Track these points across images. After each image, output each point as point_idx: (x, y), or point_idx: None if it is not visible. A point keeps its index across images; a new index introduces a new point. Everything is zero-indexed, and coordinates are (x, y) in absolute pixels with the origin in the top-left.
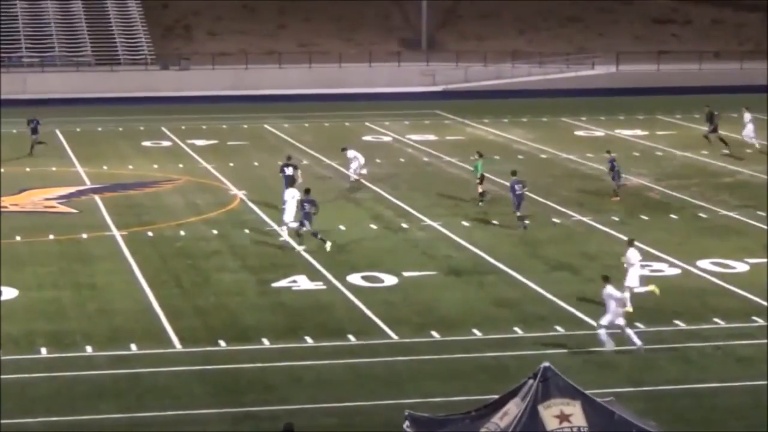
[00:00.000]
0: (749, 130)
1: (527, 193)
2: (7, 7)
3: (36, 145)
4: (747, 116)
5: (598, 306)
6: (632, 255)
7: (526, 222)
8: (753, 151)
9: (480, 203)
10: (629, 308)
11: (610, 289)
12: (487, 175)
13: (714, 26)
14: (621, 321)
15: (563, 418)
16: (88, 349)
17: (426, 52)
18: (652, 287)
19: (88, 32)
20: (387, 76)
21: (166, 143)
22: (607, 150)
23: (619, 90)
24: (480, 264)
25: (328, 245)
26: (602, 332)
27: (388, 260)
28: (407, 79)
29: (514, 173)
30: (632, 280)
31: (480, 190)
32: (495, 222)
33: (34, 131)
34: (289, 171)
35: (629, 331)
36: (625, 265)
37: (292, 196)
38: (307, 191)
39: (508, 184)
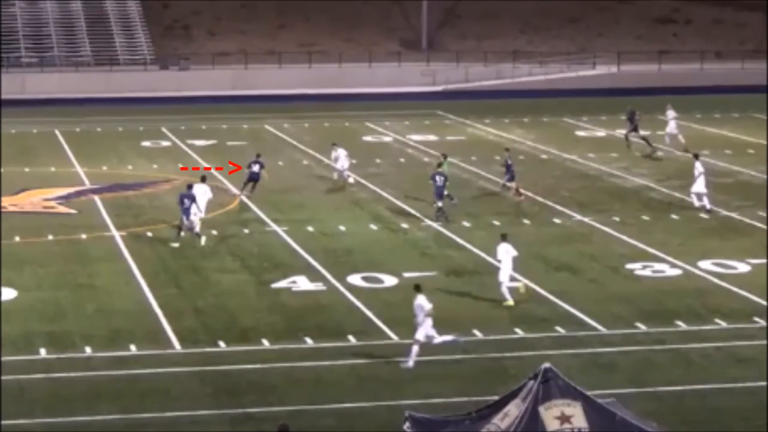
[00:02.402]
0: (672, 127)
1: (531, 194)
2: (6, 7)
3: None
4: (670, 113)
5: (599, 306)
6: (501, 250)
7: (444, 216)
8: (678, 148)
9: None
10: (510, 302)
11: (421, 300)
12: (486, 174)
13: (715, 26)
14: (431, 331)
15: (564, 419)
16: (87, 349)
17: (426, 52)
18: (519, 284)
19: (87, 32)
20: (387, 76)
21: (165, 143)
22: (506, 148)
23: (621, 90)
24: (480, 264)
25: (203, 240)
26: (416, 348)
27: (388, 261)
28: (407, 79)
29: (438, 165)
30: (503, 275)
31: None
32: (495, 222)
33: None
34: (255, 168)
35: (441, 339)
36: (498, 259)
37: (203, 192)
38: (189, 186)
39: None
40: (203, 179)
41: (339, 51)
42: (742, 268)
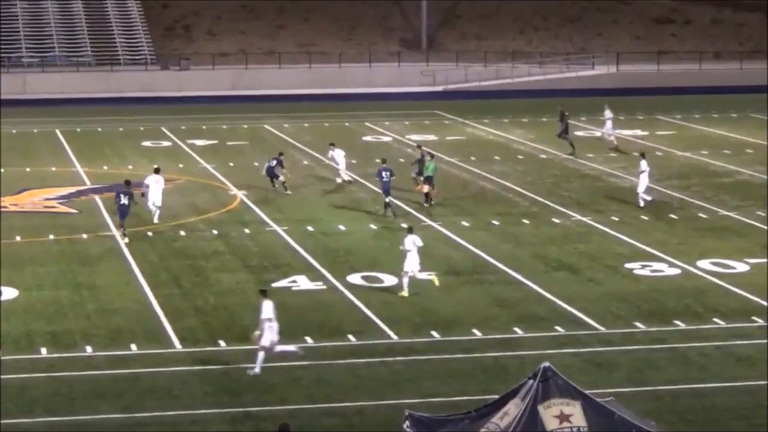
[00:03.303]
0: (608, 127)
1: (530, 194)
2: (7, 7)
3: None
4: (607, 113)
5: (598, 305)
6: (408, 241)
7: (392, 209)
8: (612, 147)
9: (426, 203)
10: (405, 293)
11: (266, 306)
12: (486, 174)
13: (714, 26)
14: (275, 337)
15: (563, 418)
16: (88, 349)
17: (426, 52)
18: (433, 276)
19: (88, 32)
20: (387, 76)
21: (166, 143)
22: (418, 145)
23: (619, 90)
24: (479, 264)
25: (126, 240)
26: (261, 354)
27: (387, 260)
28: (407, 79)
29: (383, 161)
30: (410, 264)
31: (425, 190)
32: (495, 222)
33: None
34: (272, 163)
35: (282, 348)
36: (401, 249)
37: (155, 181)
38: (126, 183)
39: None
40: (157, 171)
41: (339, 51)
42: (741, 267)
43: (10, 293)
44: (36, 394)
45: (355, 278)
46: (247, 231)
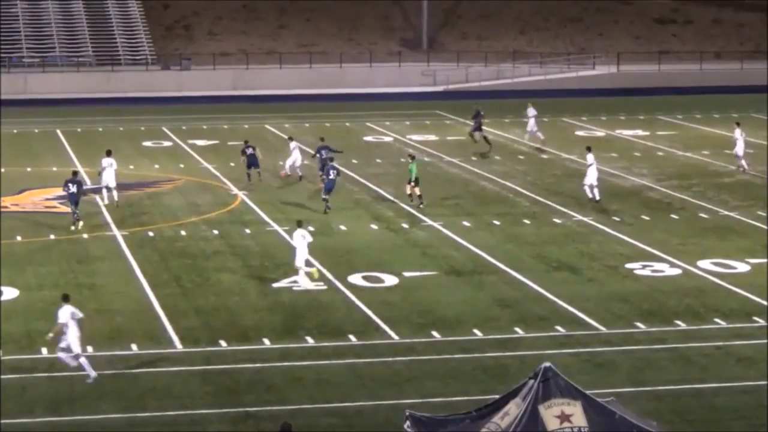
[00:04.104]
0: (531, 125)
1: (531, 194)
2: (8, 7)
3: None
4: (531, 111)
5: (599, 306)
6: (297, 235)
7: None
8: (539, 144)
9: (421, 205)
10: (311, 285)
11: (67, 310)
12: (487, 174)
13: (714, 26)
14: (75, 344)
15: (564, 418)
16: (89, 348)
17: (427, 53)
18: (312, 269)
19: (88, 32)
20: (388, 76)
21: (166, 143)
22: (321, 137)
23: (620, 90)
24: (480, 264)
25: (80, 224)
26: (62, 356)
27: (388, 260)
28: (408, 79)
29: (331, 159)
30: (299, 260)
31: (408, 192)
32: (496, 222)
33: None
34: (249, 151)
35: (82, 360)
36: (293, 245)
37: (109, 164)
38: (74, 173)
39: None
40: (108, 153)
41: (340, 51)
42: (742, 267)
43: (10, 293)
44: (36, 393)
45: (355, 278)
46: (247, 231)
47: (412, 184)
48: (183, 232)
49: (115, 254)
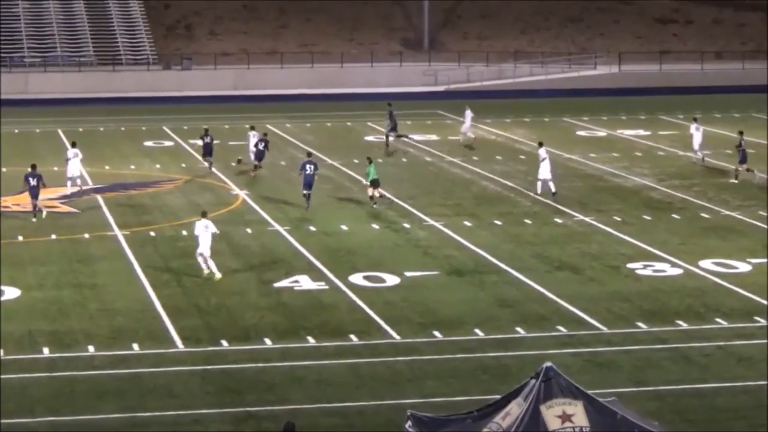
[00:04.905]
0: (466, 127)
1: (532, 194)
2: (9, 6)
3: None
4: (468, 113)
5: (600, 305)
6: (200, 225)
7: (309, 202)
8: (471, 143)
9: (374, 205)
10: (216, 276)
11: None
12: (488, 174)
13: (715, 26)
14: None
15: (565, 418)
16: (90, 348)
17: (428, 52)
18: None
19: (90, 32)
20: (389, 76)
21: (167, 143)
22: (205, 128)
23: (621, 90)
24: (482, 264)
25: (43, 215)
26: None
27: (389, 260)
28: (409, 79)
29: (308, 155)
30: (203, 247)
31: (370, 193)
32: (497, 222)
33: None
34: (261, 146)
35: None
36: (195, 234)
37: (74, 154)
38: (33, 166)
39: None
40: (74, 144)
41: (341, 51)
42: (743, 267)
43: (12, 293)
44: (37, 393)
45: (357, 278)
46: (249, 231)
47: (370, 185)
48: (184, 232)
49: (117, 254)
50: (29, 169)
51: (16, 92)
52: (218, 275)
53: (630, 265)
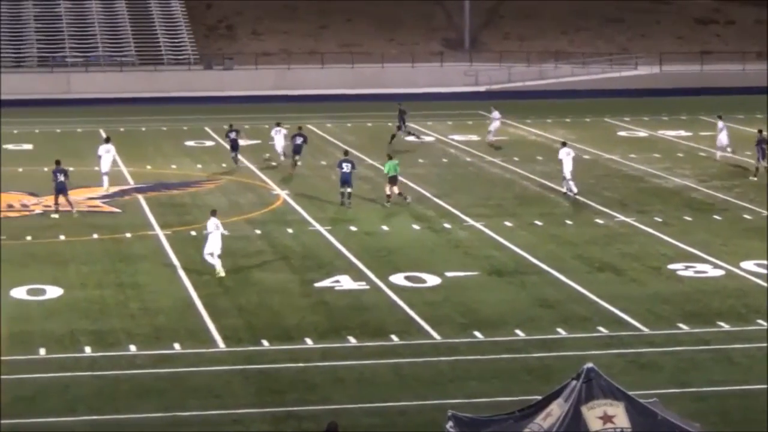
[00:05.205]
0: (495, 125)
1: (570, 194)
2: (51, 7)
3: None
4: (495, 114)
5: (641, 306)
6: (210, 224)
7: (349, 200)
8: (494, 144)
9: (386, 204)
10: (221, 273)
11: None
12: (528, 174)
13: (757, 26)
14: None
15: (606, 419)
16: (132, 348)
17: (469, 53)
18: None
19: (131, 32)
20: (429, 76)
21: (209, 143)
22: (230, 124)
23: (662, 90)
24: (522, 264)
25: (75, 212)
26: None
27: (430, 260)
28: (450, 79)
29: (345, 153)
30: (212, 246)
31: (387, 191)
32: (538, 222)
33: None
34: (298, 140)
35: None
36: (204, 233)
37: (106, 150)
38: (57, 162)
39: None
40: (107, 140)
41: (381, 51)
42: None
43: (54, 292)
44: (79, 392)
45: (397, 278)
46: (290, 231)
47: (388, 182)
48: (225, 232)
49: (158, 253)
50: (55, 165)
51: (58, 92)
52: (222, 273)
53: (671, 266)
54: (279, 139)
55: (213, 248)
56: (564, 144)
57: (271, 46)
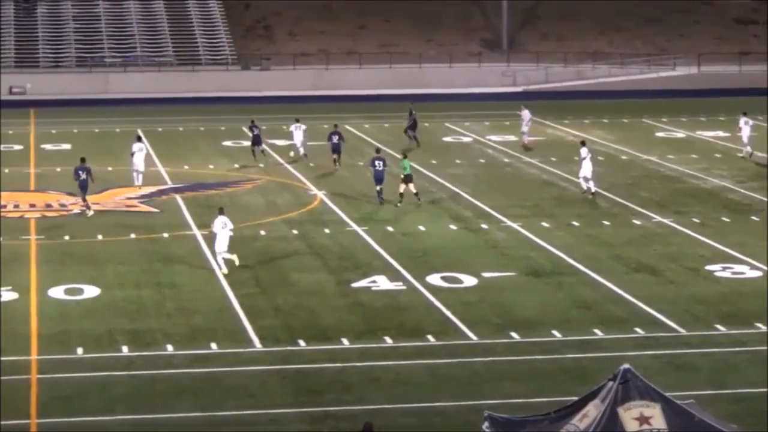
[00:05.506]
0: (526, 128)
1: (610, 195)
2: (90, 7)
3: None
4: (525, 113)
5: (678, 307)
6: (218, 222)
7: (381, 198)
8: (527, 144)
9: (398, 204)
10: (224, 270)
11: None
12: (566, 175)
13: None
14: None
15: (643, 420)
16: (169, 347)
17: (506, 53)
18: (233, 256)
19: (169, 32)
20: (467, 76)
21: (246, 143)
22: (252, 119)
23: (701, 91)
24: (559, 265)
25: (91, 213)
26: None
27: (467, 261)
28: (487, 79)
29: (377, 151)
30: (220, 245)
31: (401, 189)
32: (575, 223)
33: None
34: (335, 139)
35: None
36: (212, 230)
37: (139, 149)
38: (82, 160)
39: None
40: (139, 138)
41: (419, 51)
42: None
43: (92, 291)
44: (116, 392)
45: (434, 279)
46: (327, 231)
47: (402, 181)
48: (262, 232)
49: (195, 253)
50: (79, 163)
51: (97, 92)
52: (225, 270)
53: (709, 267)
54: (298, 134)
55: (221, 246)
56: (583, 143)
57: (308, 46)
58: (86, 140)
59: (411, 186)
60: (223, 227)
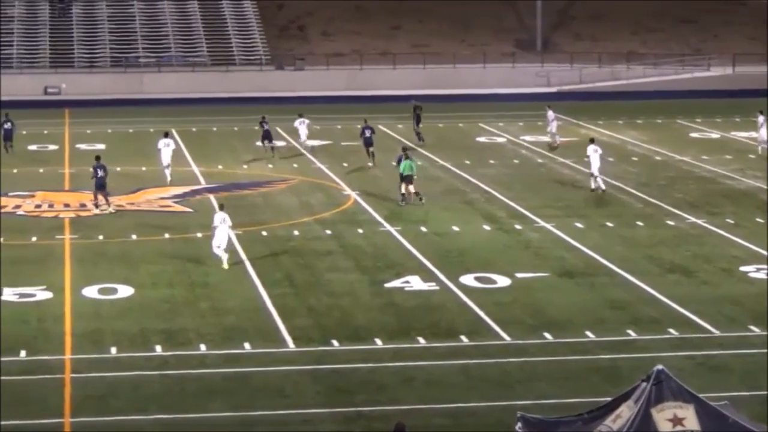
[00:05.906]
0: (552, 127)
1: (644, 196)
2: (125, 7)
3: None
4: (550, 114)
5: (712, 308)
6: (218, 218)
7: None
8: (554, 144)
9: (401, 203)
10: (225, 266)
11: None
12: (601, 176)
13: None
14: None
15: (676, 421)
16: (202, 347)
17: (540, 53)
18: (225, 255)
19: (203, 33)
20: (501, 76)
21: (279, 143)
22: (404, 147)
23: (735, 92)
24: (592, 265)
25: (112, 209)
26: None
27: (500, 261)
28: (521, 80)
29: (404, 149)
30: (219, 239)
31: (402, 190)
32: (608, 224)
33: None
34: (367, 133)
35: None
36: (212, 226)
37: (165, 144)
38: (97, 158)
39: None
40: (166, 135)
41: (453, 52)
42: None
43: (125, 291)
44: (149, 391)
45: (467, 279)
46: (360, 231)
47: (402, 181)
48: (296, 232)
49: (229, 253)
50: (95, 161)
51: (131, 92)
52: (226, 266)
53: (743, 268)
54: (303, 129)
55: (220, 241)
56: (592, 141)
57: (342, 46)
58: (120, 140)
59: (411, 187)
60: (222, 222)
